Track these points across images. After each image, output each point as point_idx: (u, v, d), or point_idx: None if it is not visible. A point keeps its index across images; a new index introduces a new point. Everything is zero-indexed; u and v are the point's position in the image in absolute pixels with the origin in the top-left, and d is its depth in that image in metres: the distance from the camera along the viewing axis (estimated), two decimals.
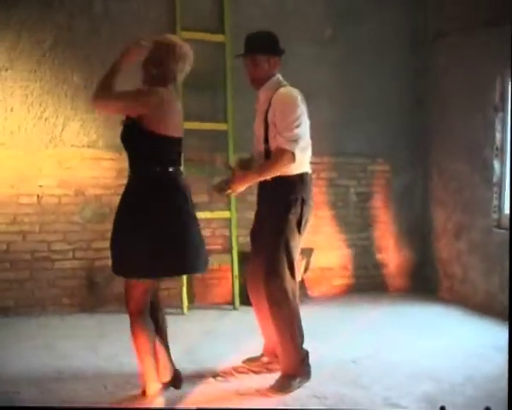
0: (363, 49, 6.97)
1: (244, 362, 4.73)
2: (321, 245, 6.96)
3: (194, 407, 4.34)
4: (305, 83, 4.79)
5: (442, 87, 7.04)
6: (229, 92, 6.60)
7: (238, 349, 5.02)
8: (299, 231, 4.32)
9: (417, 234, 7.39)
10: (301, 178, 4.35)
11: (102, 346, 5.23)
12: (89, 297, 6.26)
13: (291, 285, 4.31)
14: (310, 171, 4.45)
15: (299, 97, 4.31)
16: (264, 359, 4.71)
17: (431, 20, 7.18)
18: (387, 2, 7.10)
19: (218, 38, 6.59)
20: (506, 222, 6.26)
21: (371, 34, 7.01)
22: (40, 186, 6.06)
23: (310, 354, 4.49)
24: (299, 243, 4.38)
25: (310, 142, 4.40)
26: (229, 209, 6.61)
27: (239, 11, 6.65)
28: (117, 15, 6.26)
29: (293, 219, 4.28)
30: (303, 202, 4.33)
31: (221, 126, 6.61)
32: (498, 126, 6.35)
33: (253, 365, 4.69)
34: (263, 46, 4.41)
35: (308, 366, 4.45)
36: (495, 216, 6.38)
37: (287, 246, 4.27)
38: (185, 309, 6.30)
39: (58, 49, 6.08)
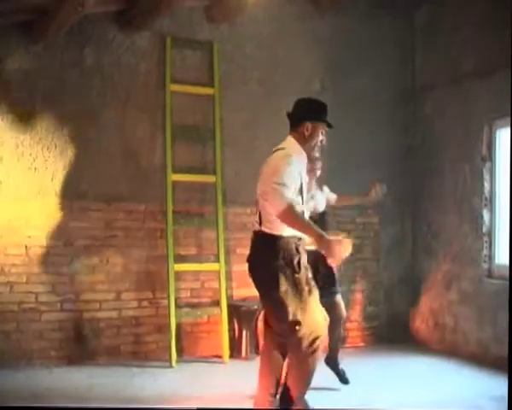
0: (352, 100, 7.05)
1: None
2: None
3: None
4: None
5: (430, 138, 7.13)
6: (217, 144, 6.63)
7: (229, 402, 4.93)
8: None
9: (407, 285, 7.37)
10: None
11: (90, 400, 5.09)
12: (77, 350, 6.14)
13: None
14: None
15: None
16: None
17: (418, 73, 7.33)
18: (376, 55, 7.22)
19: (208, 90, 6.65)
20: (497, 272, 6.27)
21: (360, 86, 7.12)
22: (28, 237, 5.99)
23: None
24: None
25: None
26: (219, 262, 6.57)
27: (230, 61, 6.74)
28: (108, 68, 6.31)
29: None
30: None
31: (210, 178, 6.61)
32: (486, 176, 6.40)
33: None
34: None
35: None
36: (485, 266, 6.38)
37: None
38: (173, 362, 6.19)
39: (49, 99, 6.09)
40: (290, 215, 4.03)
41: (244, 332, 6.52)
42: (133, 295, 6.38)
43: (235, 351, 6.52)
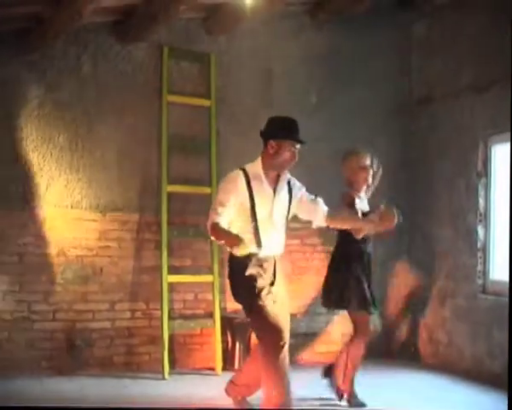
0: (348, 113, 7.02)
1: None
2: (305, 311, 6.89)
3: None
4: None
5: (426, 152, 7.13)
6: (213, 156, 6.62)
7: None
8: None
9: (401, 300, 7.34)
10: None
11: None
12: (68, 360, 6.09)
13: None
14: None
15: None
16: None
17: (415, 86, 7.34)
18: (373, 68, 7.22)
19: (204, 102, 6.64)
20: (491, 288, 6.26)
21: (356, 99, 7.10)
22: (22, 245, 5.97)
23: None
24: None
25: None
26: (212, 273, 6.54)
27: (226, 74, 6.73)
28: (105, 77, 6.30)
29: None
30: None
31: (205, 190, 6.59)
32: (481, 192, 6.40)
33: None
34: None
35: None
36: (479, 282, 6.37)
37: None
38: (166, 374, 6.15)
39: (45, 108, 6.09)
40: (213, 232, 4.41)
41: (237, 344, 6.49)
42: (127, 306, 6.35)
43: (227, 363, 6.48)
